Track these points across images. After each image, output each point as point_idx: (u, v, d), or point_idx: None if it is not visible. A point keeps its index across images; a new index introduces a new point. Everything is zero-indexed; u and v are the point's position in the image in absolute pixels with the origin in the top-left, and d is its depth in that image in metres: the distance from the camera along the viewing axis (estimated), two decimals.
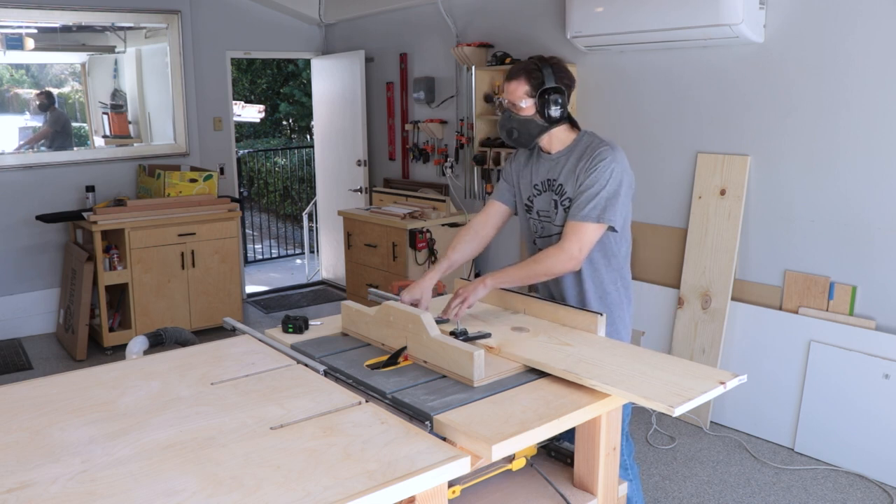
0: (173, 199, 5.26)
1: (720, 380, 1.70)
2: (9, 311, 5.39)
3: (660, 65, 4.01)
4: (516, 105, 2.26)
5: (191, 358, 2.05)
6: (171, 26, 5.79)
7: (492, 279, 2.23)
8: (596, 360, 1.86)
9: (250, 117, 13.04)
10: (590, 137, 2.32)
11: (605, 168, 2.19)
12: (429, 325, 1.91)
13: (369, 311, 2.12)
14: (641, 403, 1.64)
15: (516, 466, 1.79)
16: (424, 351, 1.93)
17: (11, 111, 5.55)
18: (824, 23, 3.33)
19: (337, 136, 6.60)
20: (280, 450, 1.48)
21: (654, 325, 4.09)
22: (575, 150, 2.30)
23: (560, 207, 2.30)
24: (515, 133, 2.31)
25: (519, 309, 2.33)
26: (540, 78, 2.23)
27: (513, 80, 2.26)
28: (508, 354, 1.96)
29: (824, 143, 3.39)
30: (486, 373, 1.81)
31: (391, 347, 2.03)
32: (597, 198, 2.18)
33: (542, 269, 2.21)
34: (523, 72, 2.24)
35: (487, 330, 2.13)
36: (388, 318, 2.05)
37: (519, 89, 2.25)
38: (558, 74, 2.25)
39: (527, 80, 2.23)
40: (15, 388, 1.84)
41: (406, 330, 1.98)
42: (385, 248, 5.00)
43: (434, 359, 1.90)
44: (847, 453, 3.35)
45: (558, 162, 2.32)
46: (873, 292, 3.30)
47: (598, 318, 2.08)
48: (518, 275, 2.24)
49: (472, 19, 5.14)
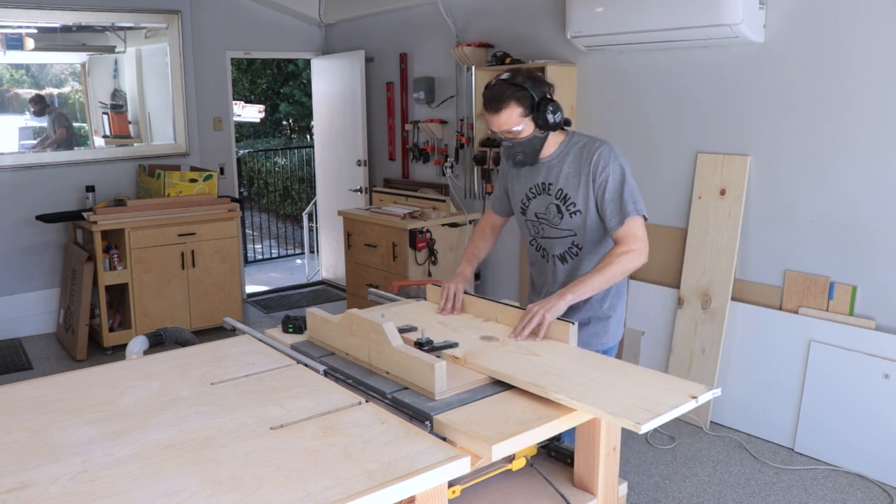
0: (173, 199, 5.26)
1: (692, 394, 1.63)
2: (9, 311, 5.39)
3: (660, 65, 4.01)
4: (513, 131, 2.23)
5: (191, 358, 2.05)
6: (171, 26, 5.79)
7: (572, 294, 2.12)
8: (564, 371, 1.80)
9: (250, 117, 13.04)
10: (579, 137, 2.32)
11: (615, 167, 2.23)
12: (391, 335, 1.84)
13: (334, 318, 2.05)
14: (607, 420, 1.57)
15: (516, 466, 1.79)
16: (387, 361, 1.86)
17: (11, 111, 5.55)
18: (824, 23, 3.33)
19: (337, 136, 6.60)
20: (280, 450, 1.48)
21: (654, 325, 4.09)
22: (568, 152, 2.30)
23: (566, 213, 2.31)
24: (521, 156, 2.29)
25: (491, 317, 2.26)
26: (527, 94, 2.18)
27: (502, 109, 2.19)
28: (474, 365, 1.88)
29: (824, 143, 3.39)
30: (449, 385, 1.74)
31: (355, 358, 1.97)
32: (624, 196, 2.22)
33: (619, 270, 2.17)
34: (510, 97, 2.18)
35: (455, 339, 2.05)
36: (352, 327, 1.97)
37: (512, 116, 2.20)
38: (536, 83, 2.21)
39: (517, 104, 2.19)
40: (15, 388, 1.84)
41: (369, 339, 1.90)
42: (385, 248, 5.00)
43: (396, 370, 1.82)
44: (847, 453, 3.35)
45: (552, 165, 2.32)
46: (873, 292, 3.30)
47: (570, 328, 2.02)
48: (596, 283, 2.16)
49: (472, 19, 5.14)
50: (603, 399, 1.63)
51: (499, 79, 2.23)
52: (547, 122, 2.22)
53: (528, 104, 2.19)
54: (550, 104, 2.21)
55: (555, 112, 2.21)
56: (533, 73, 2.25)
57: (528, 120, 2.21)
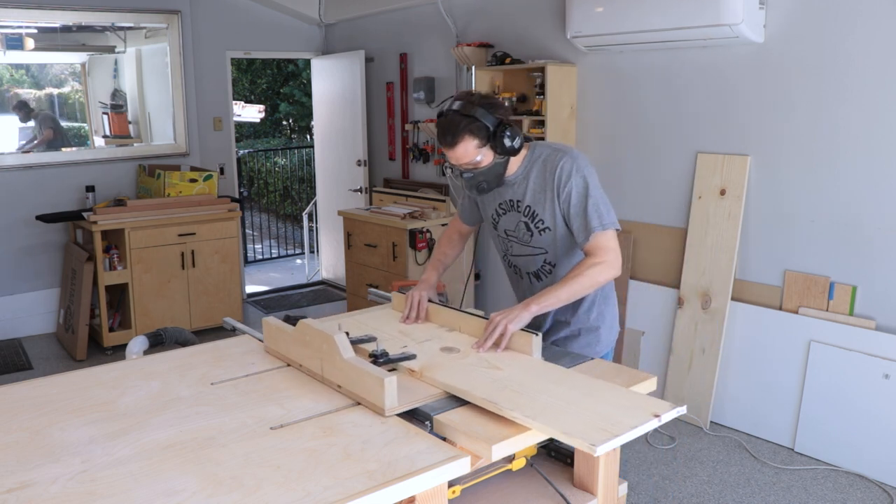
0: (173, 199, 5.26)
1: (655, 412, 1.54)
2: (9, 311, 5.39)
3: (660, 65, 4.01)
4: (473, 162, 2.12)
5: (191, 358, 2.05)
6: (171, 26, 5.79)
7: (536, 304, 2.03)
8: (524, 386, 1.71)
9: (250, 117, 13.04)
10: (542, 149, 2.24)
11: (577, 180, 2.14)
12: (342, 347, 1.74)
13: (288, 328, 1.96)
14: (562, 440, 1.50)
15: (516, 466, 1.79)
16: (339, 374, 1.76)
17: (12, 111, 5.55)
18: (824, 23, 3.33)
19: (337, 136, 6.60)
20: (280, 450, 1.48)
21: (654, 325, 4.09)
22: (532, 167, 2.22)
23: (535, 231, 2.24)
24: (485, 184, 2.19)
25: (455, 327, 2.18)
26: (479, 124, 2.07)
27: (457, 144, 2.08)
28: (430, 379, 1.80)
29: (824, 143, 3.39)
30: (403, 400, 1.65)
31: (308, 370, 1.89)
32: (588, 210, 2.12)
33: (588, 282, 2.09)
34: (464, 131, 2.07)
35: (415, 350, 1.97)
36: (305, 338, 1.88)
37: (469, 149, 2.09)
38: (487, 107, 2.09)
39: (471, 136, 2.07)
40: (15, 388, 1.84)
41: (321, 351, 1.81)
42: (385, 248, 5.00)
43: (348, 383, 1.73)
44: (847, 453, 3.35)
45: (518, 183, 2.24)
46: (873, 292, 3.30)
47: (533, 339, 1.95)
48: (563, 295, 2.07)
49: (472, 19, 5.14)
50: (559, 418, 1.54)
51: (450, 109, 2.11)
52: (505, 148, 2.11)
53: (484, 134, 2.08)
54: (507, 129, 2.09)
55: (513, 137, 2.10)
56: (486, 98, 2.13)
57: (486, 149, 2.11)
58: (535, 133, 4.44)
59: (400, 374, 1.83)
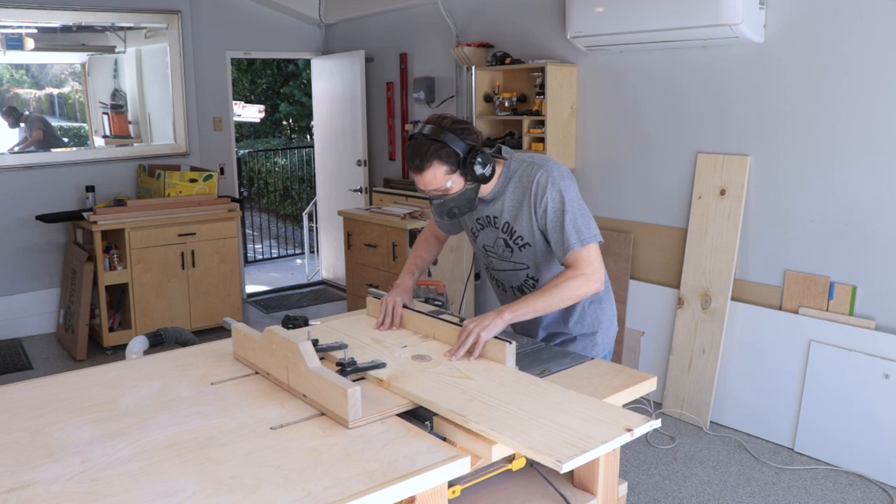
0: (173, 199, 5.26)
1: (627, 426, 1.49)
2: (9, 311, 5.39)
3: (660, 65, 4.01)
4: (443, 188, 2.06)
5: (191, 358, 2.05)
6: (171, 26, 5.79)
7: (510, 312, 1.98)
8: (494, 398, 1.67)
9: (250, 117, 13.04)
10: (517, 164, 2.17)
11: (553, 194, 2.07)
12: (306, 355, 1.70)
13: (256, 335, 1.92)
14: (527, 455, 1.46)
15: (516, 466, 1.79)
16: (304, 384, 1.72)
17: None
18: (824, 23, 3.33)
19: (337, 136, 6.60)
20: (280, 450, 1.48)
21: (654, 326, 4.09)
22: (508, 183, 2.16)
23: (514, 247, 2.19)
24: (457, 210, 2.13)
25: (429, 334, 2.12)
26: (449, 150, 2.00)
27: (425, 170, 2.01)
28: (397, 389, 1.75)
29: (824, 143, 3.39)
30: (367, 411, 1.61)
31: (275, 378, 1.85)
32: (566, 226, 2.05)
33: (565, 295, 2.02)
34: (431, 156, 2.00)
35: (386, 358, 1.92)
36: (271, 346, 1.84)
37: (437, 175, 2.02)
38: (458, 132, 2.03)
39: (440, 162, 2.00)
40: (15, 388, 1.84)
41: (286, 359, 1.77)
42: (385, 248, 5.00)
43: (313, 393, 1.69)
44: (847, 453, 3.35)
45: (496, 200, 2.17)
46: (873, 292, 3.30)
47: (507, 347, 1.89)
48: (539, 305, 2.01)
49: (472, 19, 5.14)
50: (527, 432, 1.49)
51: (420, 133, 2.05)
52: (476, 175, 2.05)
53: (454, 160, 2.01)
54: (479, 156, 2.03)
55: (484, 164, 2.05)
56: (458, 122, 2.05)
57: (456, 176, 2.04)
58: (535, 133, 4.45)
59: (368, 383, 1.80)
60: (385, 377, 1.80)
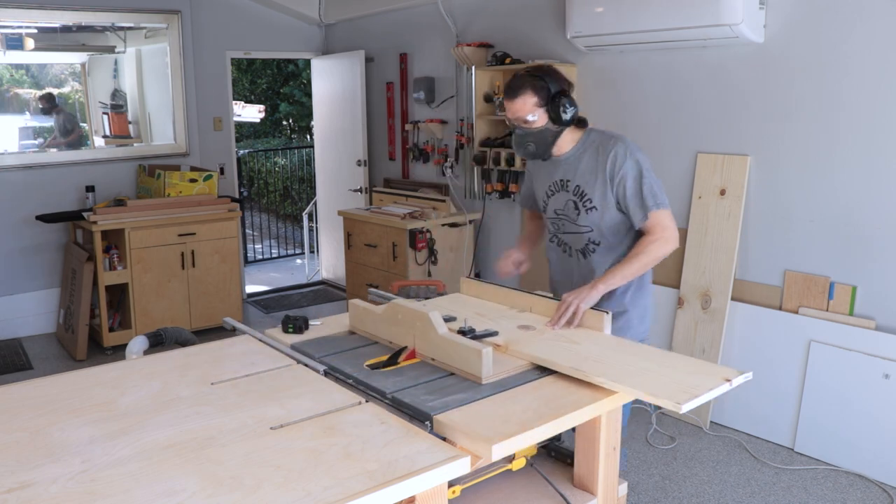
0: (173, 199, 5.26)
1: (726, 377, 1.72)
2: (9, 311, 5.39)
3: (660, 65, 4.01)
4: (527, 120, 2.29)
5: (191, 358, 2.05)
6: (171, 26, 5.79)
7: (603, 283, 2.20)
8: (602, 357, 1.88)
9: (250, 117, 13.04)
10: (596, 135, 2.37)
11: (630, 164, 2.28)
12: (437, 323, 1.91)
13: (377, 309, 2.14)
14: (649, 400, 1.64)
15: (516, 466, 1.79)
16: (432, 349, 1.93)
17: (11, 111, 5.55)
18: (824, 23, 3.33)
19: (337, 135, 6.60)
20: (280, 450, 1.48)
21: (654, 325, 4.07)
22: (585, 150, 2.35)
23: (583, 209, 2.35)
24: (532, 146, 2.34)
25: (525, 307, 2.33)
26: (544, 86, 2.25)
27: (517, 96, 2.27)
28: (515, 352, 1.96)
29: (824, 143, 3.39)
30: (494, 370, 1.81)
31: (399, 345, 2.04)
32: (644, 192, 2.27)
33: (650, 259, 2.25)
34: (527, 86, 2.26)
35: (494, 328, 2.13)
36: (397, 317, 2.05)
37: (527, 104, 2.26)
38: (556, 78, 2.28)
39: (533, 93, 2.25)
40: (15, 388, 1.84)
41: (414, 328, 1.98)
42: (385, 248, 5.00)
43: (442, 356, 1.90)
44: (847, 453, 3.35)
45: (570, 163, 2.37)
46: (873, 292, 3.30)
47: (605, 317, 2.10)
48: (628, 272, 2.24)
49: (472, 19, 5.14)
50: (643, 381, 1.70)
51: (524, 69, 2.34)
52: (559, 116, 2.26)
53: (544, 95, 2.25)
54: (564, 98, 2.26)
55: (567, 108, 2.26)
56: (557, 71, 2.32)
57: (541, 111, 2.27)
58: None
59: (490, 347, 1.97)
60: (502, 342, 2.01)
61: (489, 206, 5.11)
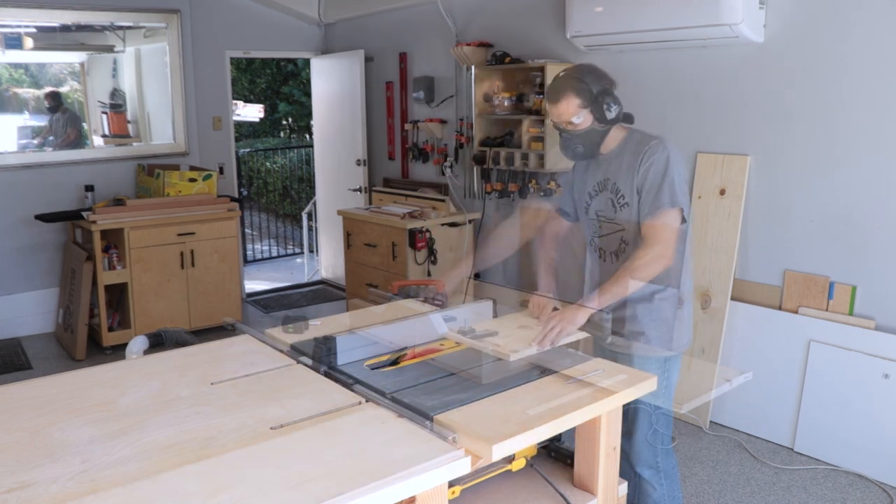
0: (173, 199, 5.25)
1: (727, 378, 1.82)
2: (8, 310, 5.39)
3: (659, 65, 4.01)
4: (572, 122, 2.26)
5: (191, 358, 2.04)
6: (171, 26, 5.79)
7: (591, 304, 2.16)
8: None
9: (250, 117, 13.02)
10: (639, 134, 2.35)
11: (660, 157, 2.23)
12: (437, 325, 1.98)
13: (378, 309, 2.19)
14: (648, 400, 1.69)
15: (516, 466, 1.79)
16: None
17: (11, 111, 5.55)
18: (824, 23, 3.33)
19: (336, 135, 6.60)
20: (280, 450, 1.47)
21: None
22: (626, 148, 2.32)
23: (617, 206, 2.32)
24: (581, 148, 2.31)
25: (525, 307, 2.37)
26: (586, 87, 2.23)
27: (560, 99, 2.24)
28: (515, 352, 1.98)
29: (824, 143, 3.39)
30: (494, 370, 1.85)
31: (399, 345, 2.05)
32: (663, 187, 2.20)
33: (639, 277, 2.19)
34: (569, 88, 2.23)
35: (494, 328, 2.16)
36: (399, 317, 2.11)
37: (571, 105, 2.24)
38: (597, 77, 2.27)
39: (575, 94, 2.23)
40: (15, 388, 1.84)
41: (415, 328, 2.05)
42: (385, 248, 5.00)
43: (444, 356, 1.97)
44: (847, 453, 3.35)
45: (612, 162, 2.34)
46: (873, 292, 3.31)
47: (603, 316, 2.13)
48: (618, 291, 2.18)
49: (472, 19, 5.14)
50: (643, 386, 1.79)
51: (563, 71, 2.31)
52: (604, 115, 2.24)
53: (587, 96, 2.23)
54: (607, 97, 2.25)
55: (611, 106, 2.25)
56: (597, 70, 2.30)
57: (586, 112, 2.24)
58: (535, 132, 4.44)
59: None
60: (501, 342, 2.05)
61: (489, 205, 5.11)
